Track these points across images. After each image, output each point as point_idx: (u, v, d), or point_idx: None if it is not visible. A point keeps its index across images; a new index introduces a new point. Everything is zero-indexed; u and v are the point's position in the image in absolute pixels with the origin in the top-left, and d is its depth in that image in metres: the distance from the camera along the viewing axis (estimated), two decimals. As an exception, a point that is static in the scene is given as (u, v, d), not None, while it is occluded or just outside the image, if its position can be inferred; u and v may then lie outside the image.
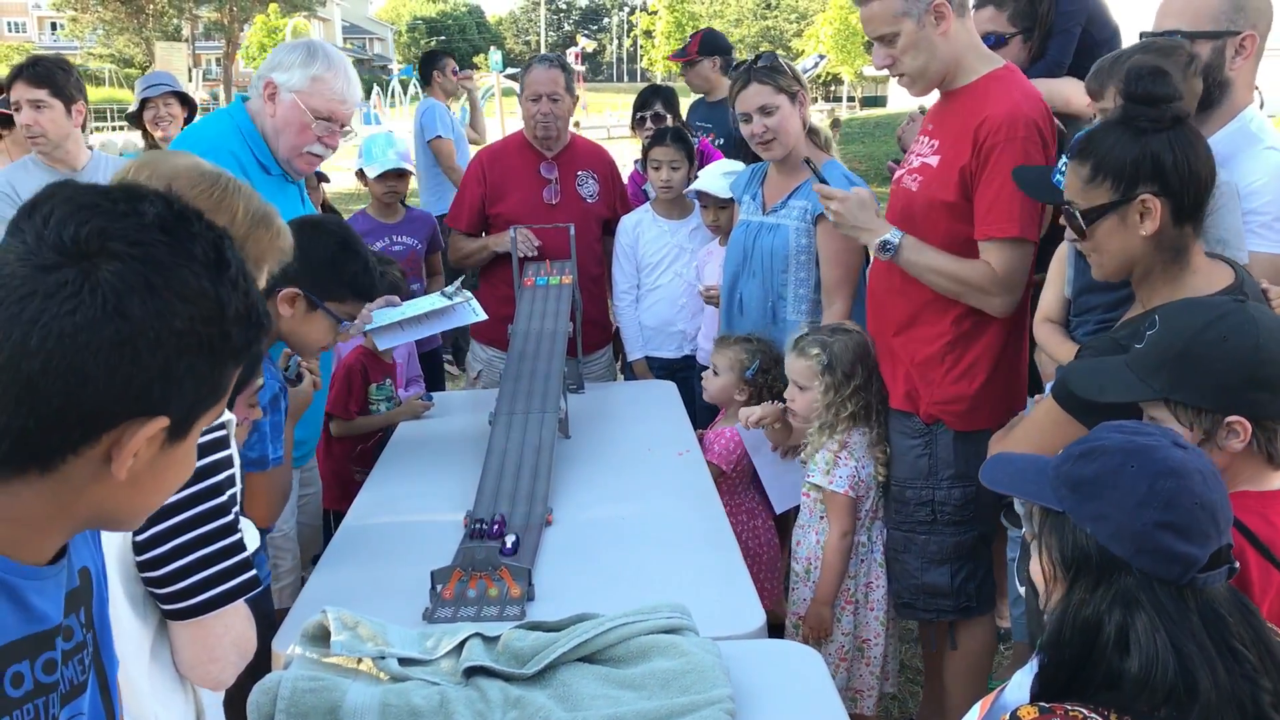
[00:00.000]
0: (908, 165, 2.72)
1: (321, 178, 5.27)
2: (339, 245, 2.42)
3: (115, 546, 1.40)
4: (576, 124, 5.93)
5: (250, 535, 1.78)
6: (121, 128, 22.22)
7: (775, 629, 2.82)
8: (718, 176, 3.67)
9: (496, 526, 2.37)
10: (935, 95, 2.70)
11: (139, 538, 1.39)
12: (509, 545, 2.29)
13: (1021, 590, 1.78)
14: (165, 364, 0.85)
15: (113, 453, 0.87)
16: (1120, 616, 1.26)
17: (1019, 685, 1.44)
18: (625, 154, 5.73)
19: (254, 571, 1.48)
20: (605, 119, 30.09)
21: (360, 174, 4.51)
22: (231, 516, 1.46)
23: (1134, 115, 1.88)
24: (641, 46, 65.45)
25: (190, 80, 29.59)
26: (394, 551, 2.41)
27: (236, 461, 1.56)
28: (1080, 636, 1.29)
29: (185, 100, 4.91)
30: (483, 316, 3.17)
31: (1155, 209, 1.86)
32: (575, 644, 1.78)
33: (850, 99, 45.84)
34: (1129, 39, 2.57)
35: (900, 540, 2.79)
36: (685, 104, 5.32)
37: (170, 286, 0.85)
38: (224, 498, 1.45)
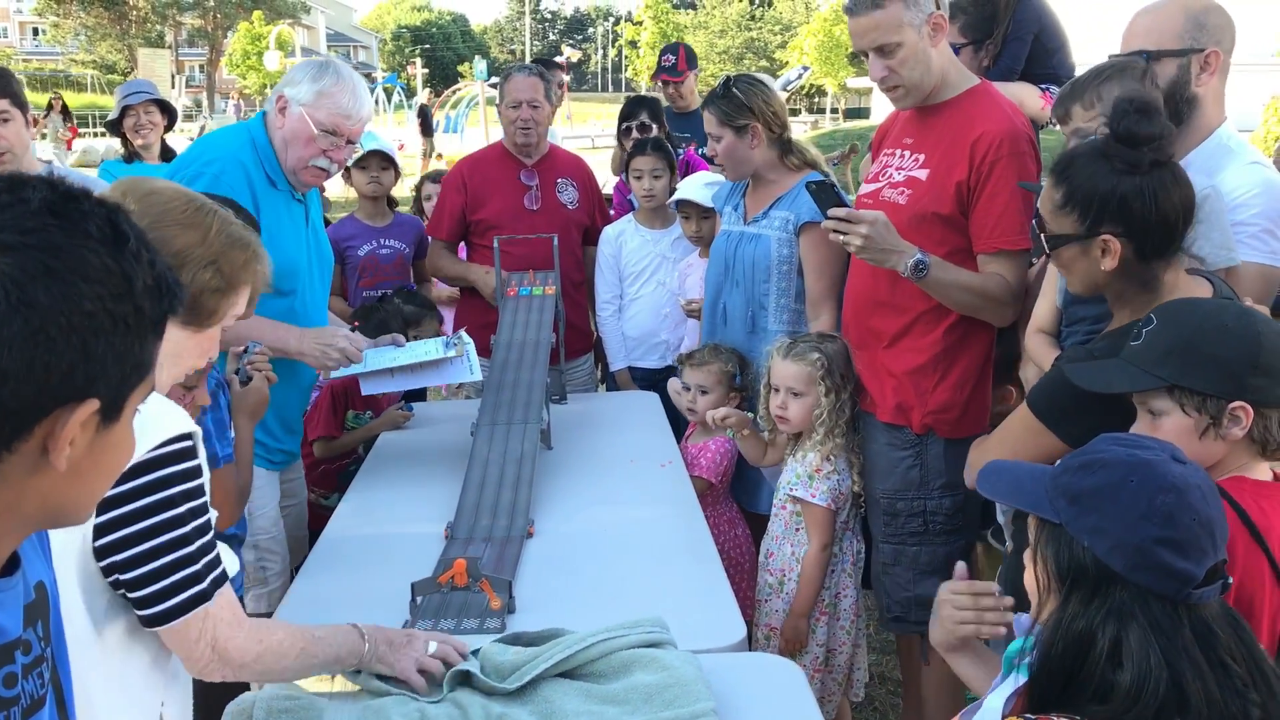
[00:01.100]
0: (888, 179, 2.72)
1: None
2: None
3: (74, 556, 1.39)
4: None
5: (229, 560, 1.76)
6: (102, 134, 22.10)
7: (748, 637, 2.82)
8: (700, 186, 3.67)
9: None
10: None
11: (99, 542, 1.39)
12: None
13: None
14: (83, 346, 0.83)
15: (48, 444, 0.85)
16: (1114, 630, 1.26)
17: (993, 708, 1.44)
18: (606, 167, 5.73)
19: (202, 586, 1.47)
20: (590, 129, 30.12)
21: (346, 173, 4.47)
22: (188, 528, 1.44)
23: (1113, 153, 1.89)
24: (626, 57, 65.58)
25: (173, 87, 29.48)
26: (374, 562, 2.39)
27: (206, 474, 1.53)
28: (1073, 648, 1.28)
29: (166, 108, 4.88)
30: (478, 376, 3.05)
31: (1115, 250, 1.88)
32: (558, 660, 1.77)
33: (834, 110, 46.07)
34: (1080, 50, 2.63)
35: (889, 553, 2.78)
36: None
37: (72, 268, 0.83)
38: (181, 509, 1.43)
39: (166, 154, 4.87)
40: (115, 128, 4.88)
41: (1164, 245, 1.90)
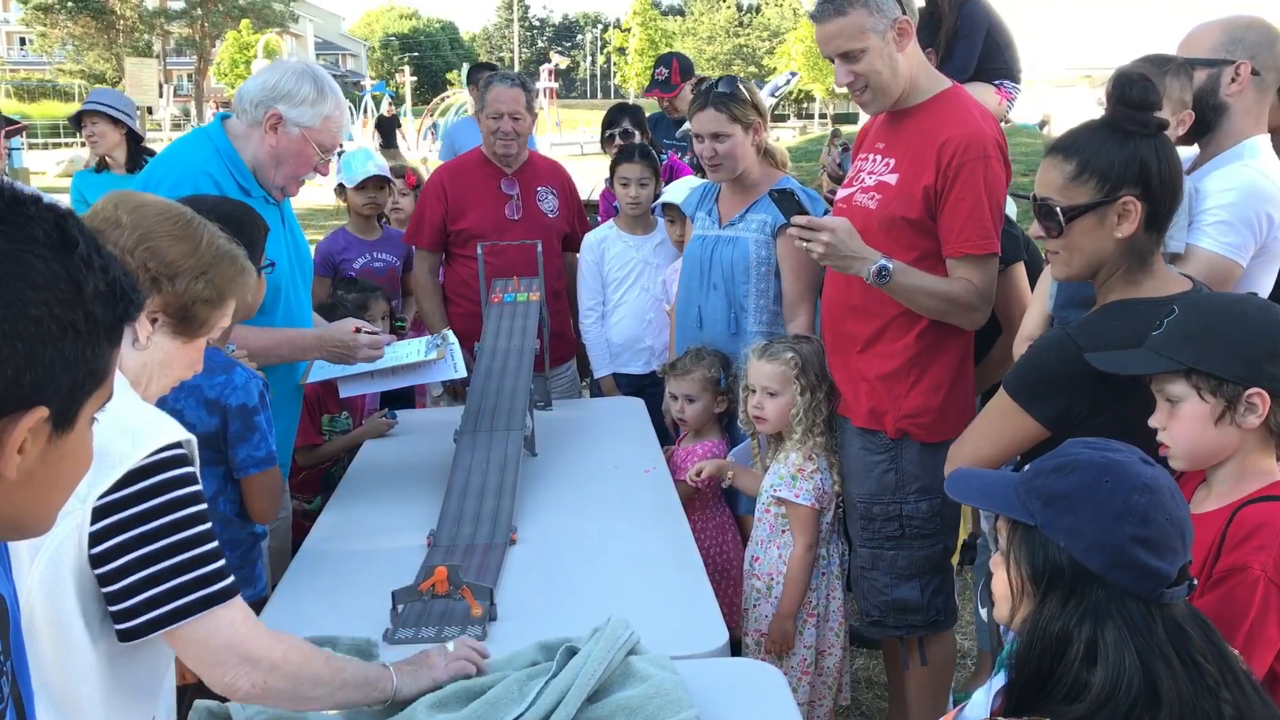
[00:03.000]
0: (860, 184, 2.73)
1: None
2: None
3: (69, 564, 1.38)
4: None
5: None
6: (83, 144, 22.14)
7: (736, 643, 2.81)
8: (686, 190, 3.67)
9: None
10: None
11: (95, 550, 1.39)
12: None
13: (984, 612, 1.78)
14: (29, 354, 0.81)
15: None
16: (1090, 630, 1.26)
17: (979, 704, 1.44)
18: (598, 171, 5.74)
19: (195, 596, 1.45)
20: (579, 135, 30.13)
21: (340, 189, 4.48)
22: (179, 537, 1.44)
23: (1121, 119, 1.93)
24: (615, 63, 65.71)
25: (161, 96, 29.36)
26: (355, 572, 2.38)
27: (199, 483, 1.53)
28: (1050, 650, 1.29)
29: (117, 123, 4.83)
30: (463, 373, 3.02)
31: (1135, 211, 1.91)
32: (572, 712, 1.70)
33: (822, 116, 46.22)
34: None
35: (867, 557, 2.78)
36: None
37: (16, 275, 0.81)
38: (172, 516, 1.43)
39: (140, 165, 4.84)
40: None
41: (1171, 208, 1.95)
